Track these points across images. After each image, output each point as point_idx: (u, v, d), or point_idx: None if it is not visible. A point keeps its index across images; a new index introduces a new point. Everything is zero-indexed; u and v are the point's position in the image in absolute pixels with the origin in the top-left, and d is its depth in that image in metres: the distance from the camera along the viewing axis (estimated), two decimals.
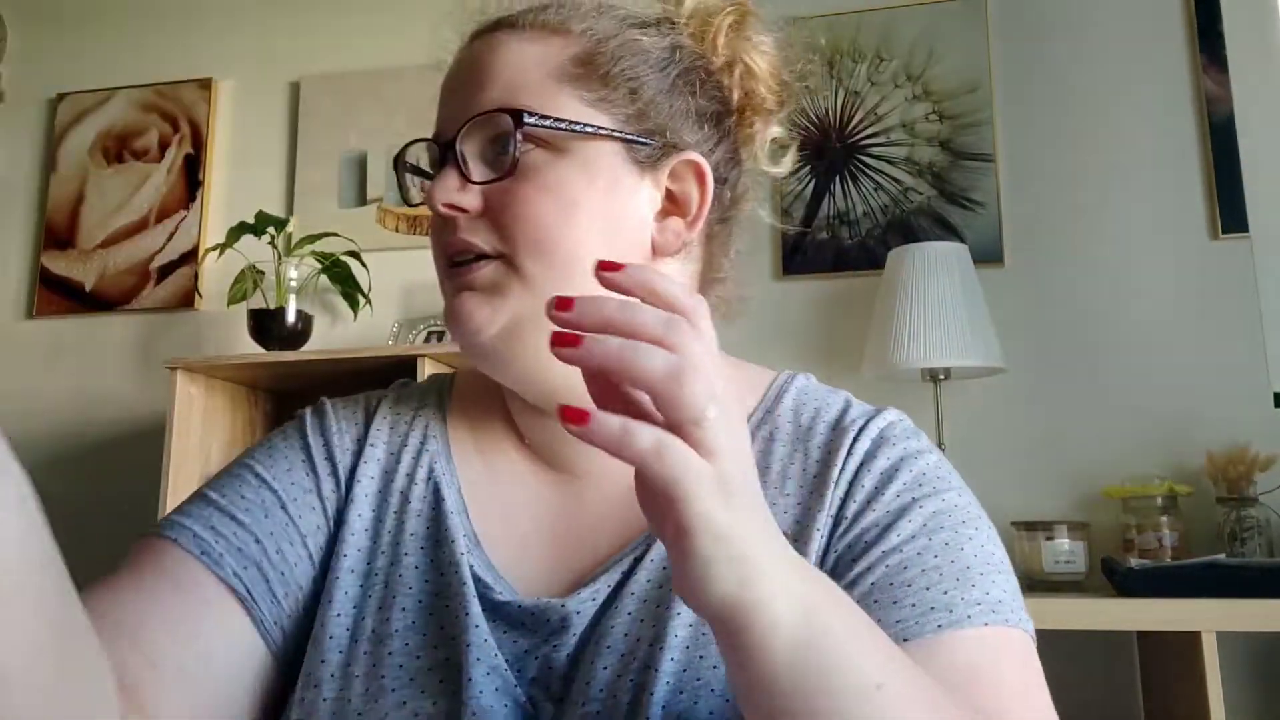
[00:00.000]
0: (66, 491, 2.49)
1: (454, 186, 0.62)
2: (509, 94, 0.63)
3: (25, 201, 2.71)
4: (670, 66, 0.67)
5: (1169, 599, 1.55)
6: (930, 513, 0.62)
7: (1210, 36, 2.12)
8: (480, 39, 0.67)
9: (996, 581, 0.60)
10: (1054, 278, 2.12)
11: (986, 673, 0.57)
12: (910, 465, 0.65)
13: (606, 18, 0.67)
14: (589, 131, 0.63)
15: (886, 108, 2.26)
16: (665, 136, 0.66)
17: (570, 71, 0.64)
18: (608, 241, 0.63)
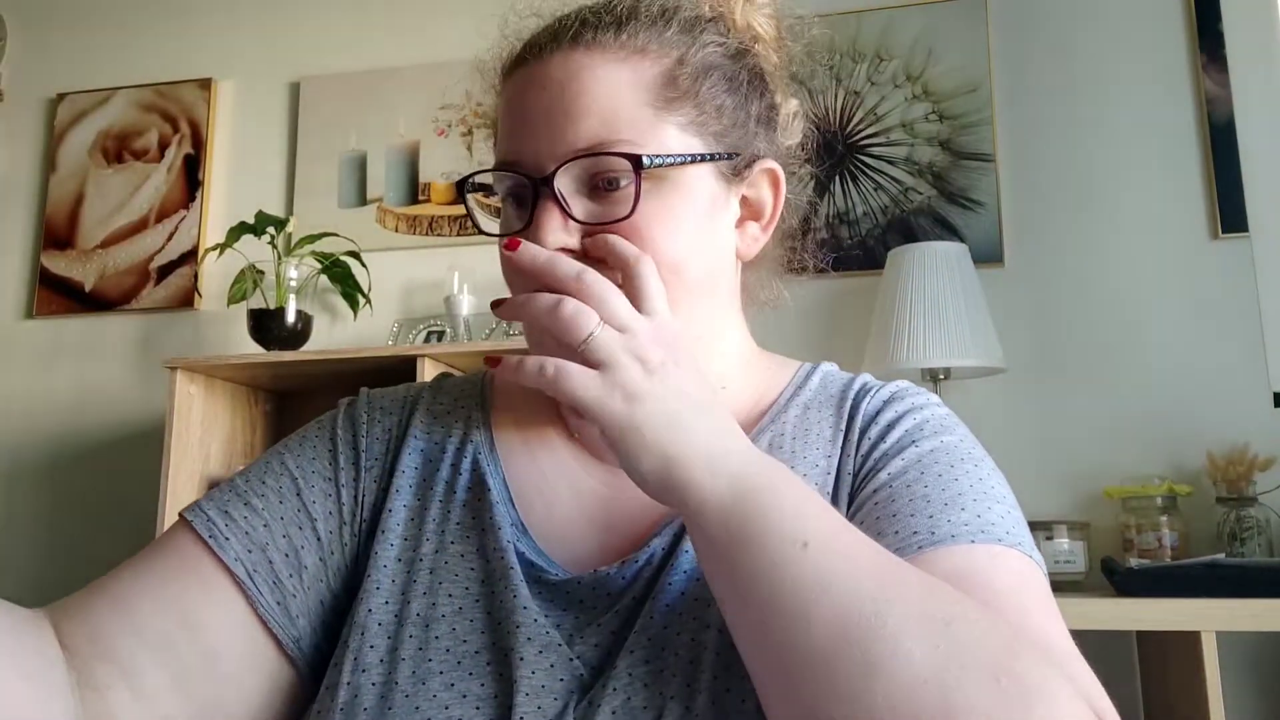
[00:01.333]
0: (66, 491, 2.49)
1: (558, 226, 0.62)
2: (608, 128, 0.62)
3: (25, 201, 2.71)
4: (740, 73, 0.69)
5: (1169, 599, 1.54)
6: (927, 450, 0.64)
7: (1210, 36, 2.12)
8: (555, 58, 0.64)
9: (992, 508, 0.60)
10: (1054, 278, 2.12)
11: (972, 578, 0.55)
12: (914, 415, 0.67)
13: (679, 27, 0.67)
14: (699, 160, 0.64)
15: (886, 108, 2.26)
16: (746, 148, 0.68)
17: (664, 96, 0.64)
18: (703, 258, 0.65)
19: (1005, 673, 0.46)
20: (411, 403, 0.73)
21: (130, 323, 2.57)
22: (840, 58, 2.30)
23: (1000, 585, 0.55)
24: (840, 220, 2.23)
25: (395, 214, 2.46)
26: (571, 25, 0.65)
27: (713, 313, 0.68)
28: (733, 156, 0.66)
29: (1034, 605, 0.55)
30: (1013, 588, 0.56)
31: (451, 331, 2.27)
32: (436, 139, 2.47)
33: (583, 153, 0.61)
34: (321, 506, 0.67)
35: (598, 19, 0.65)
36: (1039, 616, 0.55)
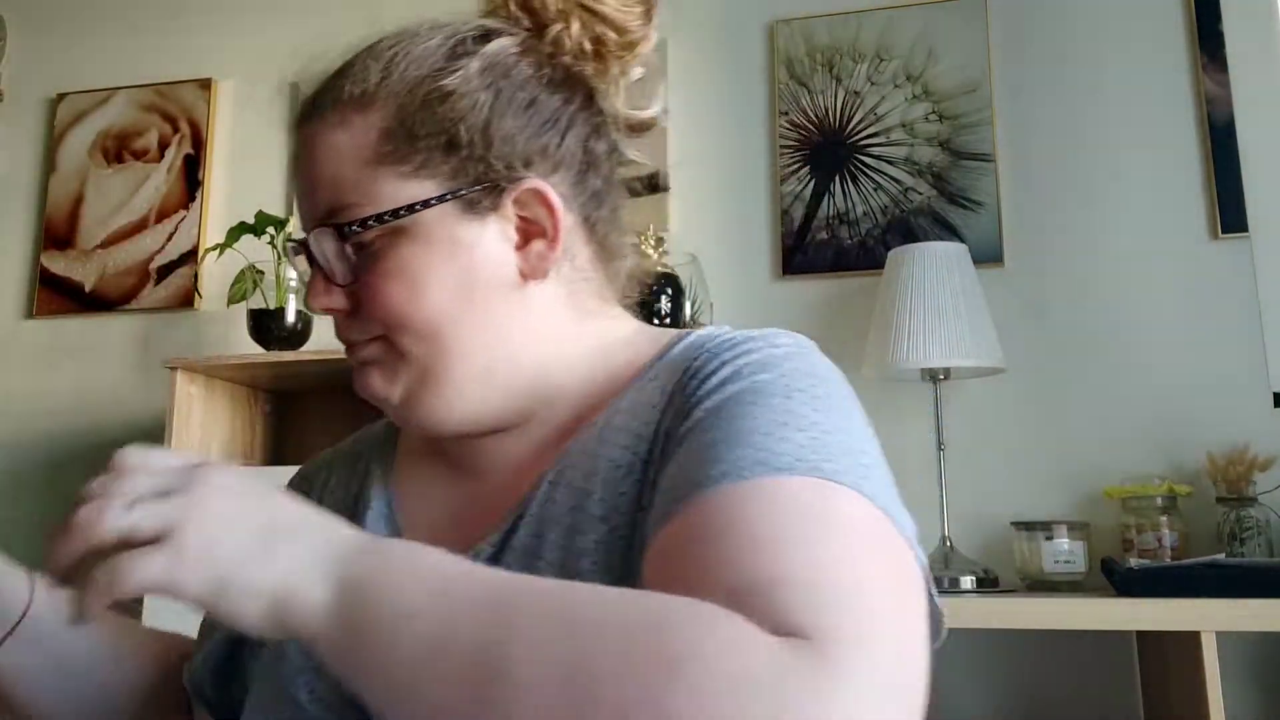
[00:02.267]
0: (66, 491, 2.49)
1: (322, 290, 0.67)
2: (333, 194, 0.65)
3: (25, 201, 2.71)
4: (484, 93, 0.66)
5: (1169, 599, 1.54)
6: (732, 393, 0.58)
7: (1210, 36, 2.12)
8: (299, 131, 0.69)
9: (789, 437, 0.53)
10: (1054, 278, 2.12)
11: (720, 526, 0.49)
12: (737, 360, 0.61)
13: (406, 69, 0.66)
14: (416, 210, 0.64)
15: (886, 108, 2.26)
16: (495, 173, 0.66)
17: (381, 151, 0.65)
18: (466, 296, 0.65)
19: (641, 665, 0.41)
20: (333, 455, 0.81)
21: (130, 323, 2.57)
22: (840, 58, 2.30)
23: (755, 527, 0.49)
24: (840, 220, 2.23)
25: None
26: (310, 98, 0.69)
27: (505, 339, 0.67)
28: (474, 190, 0.65)
29: (794, 537, 0.48)
30: (770, 526, 0.49)
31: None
32: None
33: (318, 222, 0.66)
34: None
35: (327, 85, 0.68)
36: (789, 550, 0.47)
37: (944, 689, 1.95)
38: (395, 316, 0.65)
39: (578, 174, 0.70)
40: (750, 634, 0.42)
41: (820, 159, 2.27)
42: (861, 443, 0.57)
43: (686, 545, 0.50)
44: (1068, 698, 1.94)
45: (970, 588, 1.80)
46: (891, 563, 0.50)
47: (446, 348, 0.65)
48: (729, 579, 0.46)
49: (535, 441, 0.69)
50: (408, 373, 0.66)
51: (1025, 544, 1.85)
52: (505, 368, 0.67)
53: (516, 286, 0.67)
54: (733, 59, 2.36)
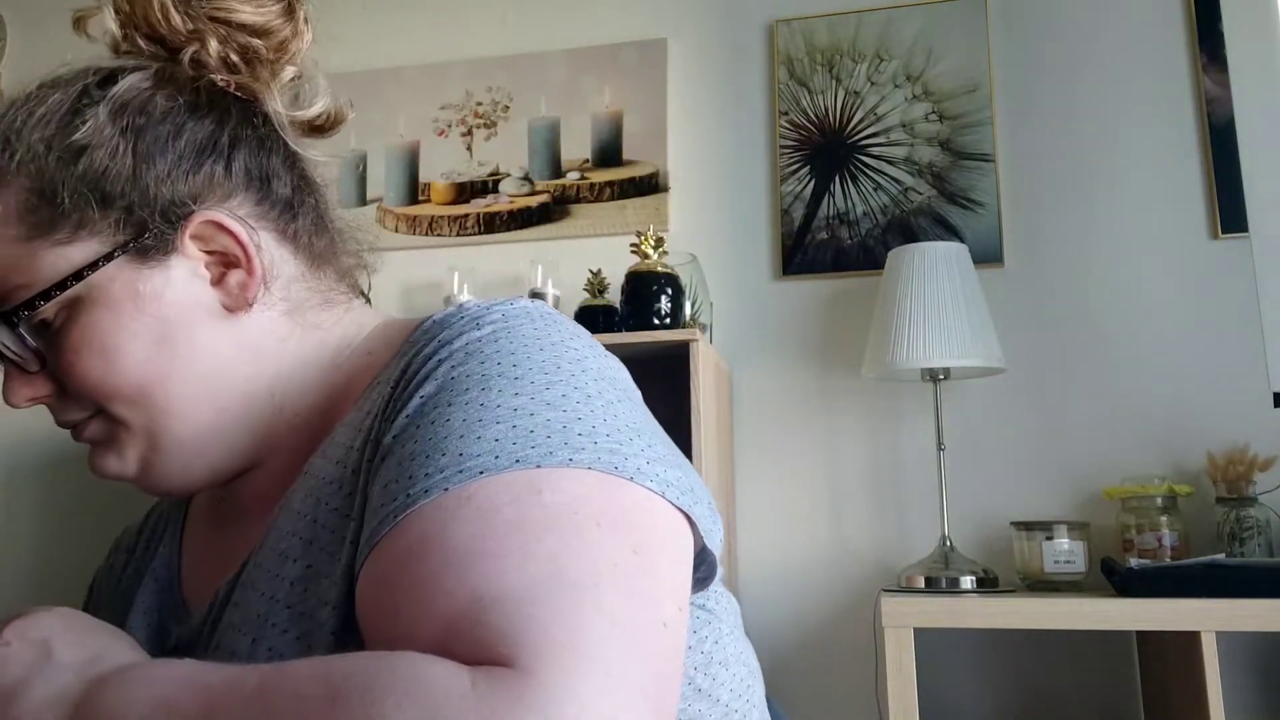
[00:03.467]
0: (66, 491, 2.49)
1: (21, 383, 0.64)
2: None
3: None
4: (121, 139, 0.62)
5: (1169, 599, 1.54)
6: (431, 392, 0.54)
7: (1210, 36, 2.12)
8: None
9: (486, 432, 0.50)
10: (1054, 278, 2.12)
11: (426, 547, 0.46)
12: (445, 349, 0.57)
13: (31, 135, 0.61)
14: (84, 275, 0.60)
15: (886, 108, 2.26)
16: (157, 217, 0.62)
17: (31, 223, 0.60)
18: (168, 348, 0.62)
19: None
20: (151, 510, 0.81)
21: None
22: (840, 58, 2.30)
23: (457, 542, 0.46)
24: (840, 220, 2.23)
25: (395, 214, 2.46)
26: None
27: (227, 379, 0.64)
28: (142, 240, 0.61)
29: (492, 549, 0.45)
30: (471, 540, 0.46)
31: None
32: (436, 139, 2.47)
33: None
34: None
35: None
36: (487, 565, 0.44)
37: (944, 689, 1.95)
38: (99, 389, 0.61)
39: (258, 192, 0.66)
40: (444, 682, 0.40)
41: (820, 159, 2.27)
42: (579, 409, 0.52)
43: (391, 574, 0.48)
44: (1068, 698, 1.94)
45: (970, 588, 1.80)
46: (616, 538, 0.46)
47: (165, 408, 0.62)
48: (434, 611, 0.44)
49: (280, 470, 0.67)
50: (134, 443, 0.64)
51: (1025, 544, 1.85)
52: (237, 408, 0.64)
53: (224, 321, 0.64)
54: (733, 59, 2.37)
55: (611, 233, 2.30)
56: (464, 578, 0.44)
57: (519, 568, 0.44)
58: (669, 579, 0.48)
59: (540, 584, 0.43)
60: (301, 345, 0.67)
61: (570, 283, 2.18)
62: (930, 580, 1.82)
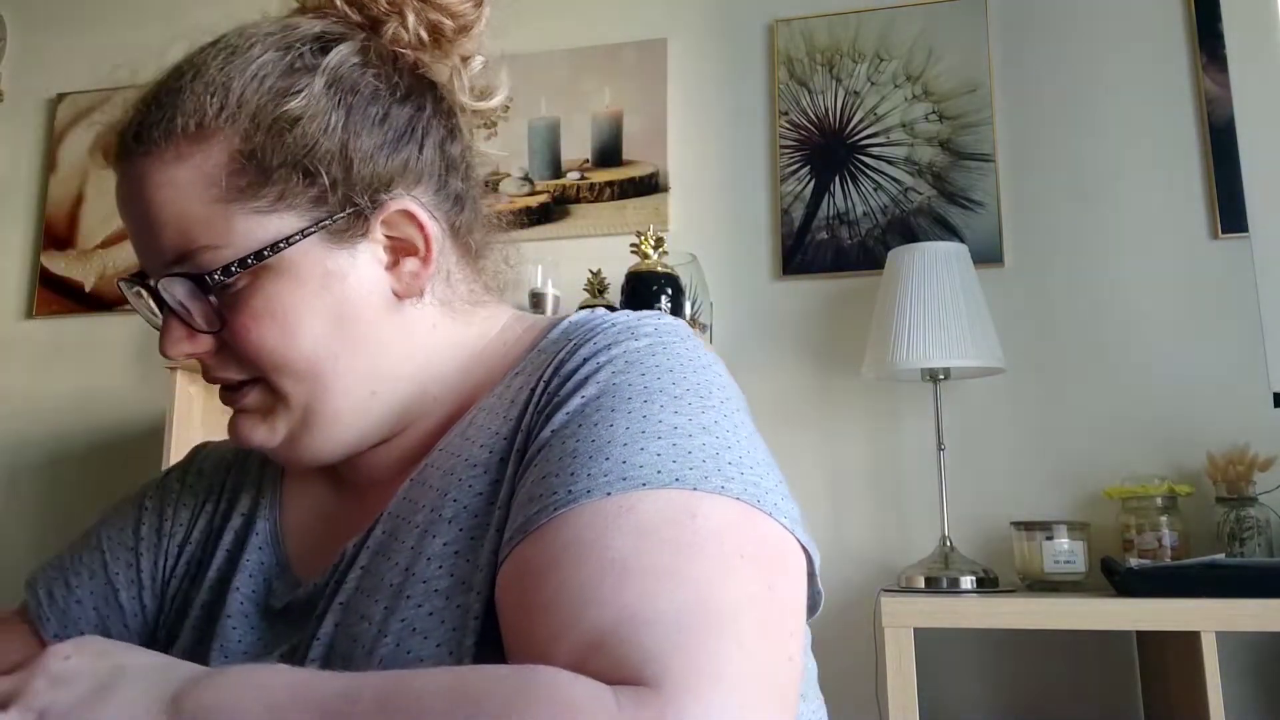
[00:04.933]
0: (66, 491, 2.49)
1: (181, 337, 0.64)
2: (183, 237, 0.60)
3: (25, 201, 2.71)
4: (334, 114, 0.62)
5: (1169, 599, 1.55)
6: (592, 395, 0.56)
7: (1210, 36, 2.12)
8: (124, 165, 0.64)
9: (648, 447, 0.52)
10: (1054, 278, 2.12)
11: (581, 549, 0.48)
12: (601, 355, 0.59)
13: (243, 94, 0.61)
14: (280, 248, 0.60)
15: (886, 108, 2.26)
16: (358, 199, 0.62)
17: (234, 186, 0.60)
18: (343, 329, 0.62)
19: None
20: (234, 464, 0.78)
21: (130, 323, 2.57)
22: (840, 58, 2.30)
23: (613, 553, 0.48)
24: (840, 220, 2.23)
25: None
26: (131, 128, 0.63)
27: (385, 362, 0.65)
28: (339, 218, 0.61)
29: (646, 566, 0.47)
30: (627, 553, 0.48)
31: None
32: None
33: (168, 268, 0.61)
34: (124, 577, 0.74)
35: (152, 115, 0.62)
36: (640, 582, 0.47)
37: (944, 689, 1.95)
38: (271, 358, 0.61)
39: (439, 182, 0.67)
40: (589, 705, 0.41)
41: (820, 159, 2.27)
42: (729, 437, 0.55)
43: (540, 573, 0.49)
44: (1068, 698, 1.94)
45: (970, 588, 1.80)
46: (756, 571, 0.49)
47: (329, 386, 0.63)
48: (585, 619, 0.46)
49: (408, 447, 0.68)
50: (289, 416, 0.64)
51: (1025, 544, 1.85)
52: (387, 390, 0.65)
53: (392, 307, 0.64)
54: (733, 59, 2.37)
55: (611, 233, 2.30)
56: (619, 592, 0.46)
57: (671, 591, 0.46)
58: (794, 615, 0.51)
59: (689, 611, 0.45)
60: (449, 334, 0.68)
61: (570, 283, 2.18)
62: (930, 580, 1.82)
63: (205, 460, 0.80)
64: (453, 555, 0.57)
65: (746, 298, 2.24)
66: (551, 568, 0.49)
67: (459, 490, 0.59)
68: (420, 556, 0.58)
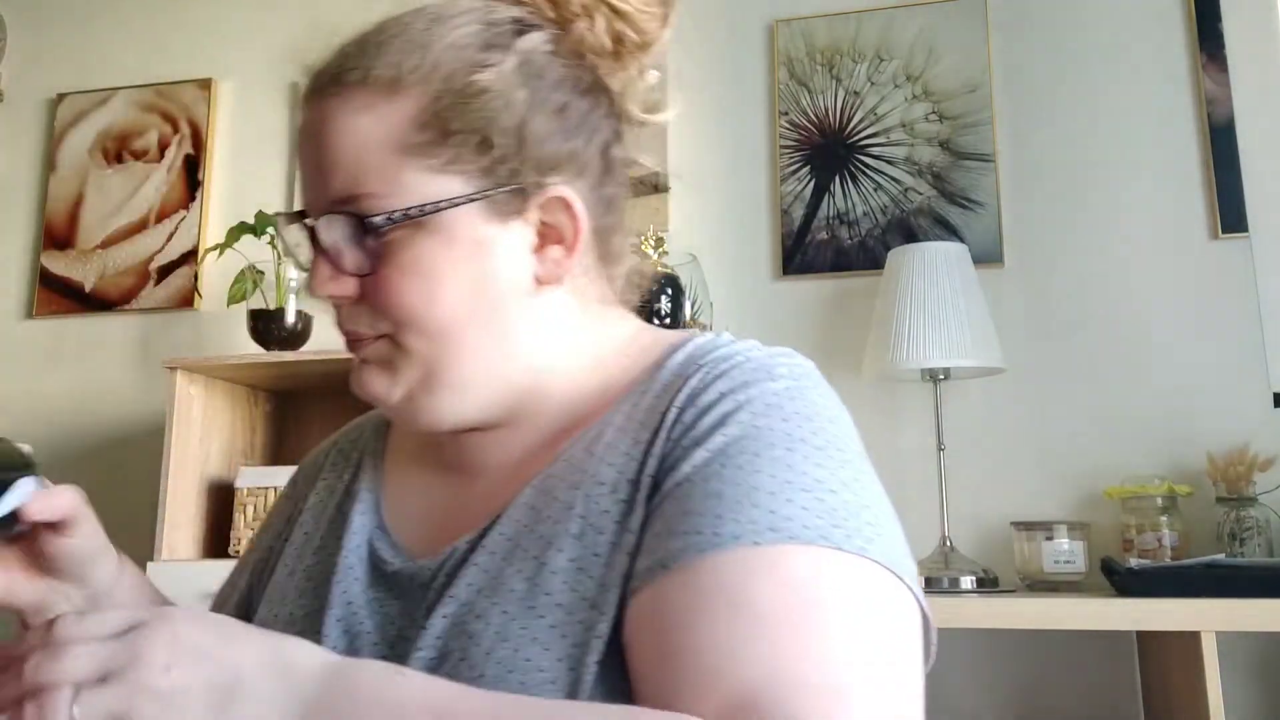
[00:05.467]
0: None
1: (327, 278, 0.65)
2: (353, 180, 0.62)
3: (25, 201, 2.71)
4: (519, 92, 0.64)
5: (1169, 599, 1.54)
6: (734, 437, 0.58)
7: (1210, 36, 2.12)
8: (314, 103, 0.65)
9: (795, 498, 0.54)
10: (1054, 278, 2.12)
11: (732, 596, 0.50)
12: (738, 394, 0.61)
13: (440, 58, 0.63)
14: (443, 207, 0.62)
15: (886, 108, 2.26)
16: (524, 177, 0.64)
17: (412, 141, 0.62)
18: (481, 299, 0.64)
19: None
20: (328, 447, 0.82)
21: (130, 323, 2.57)
22: (840, 58, 2.30)
23: (762, 607, 0.50)
24: (840, 220, 2.23)
25: None
26: (329, 70, 0.66)
27: (512, 343, 0.66)
28: (502, 191, 0.63)
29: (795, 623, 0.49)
30: (776, 609, 0.50)
31: None
32: None
33: (332, 207, 0.63)
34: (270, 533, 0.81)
35: (350, 61, 0.65)
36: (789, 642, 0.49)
37: (944, 689, 1.95)
38: (409, 314, 0.63)
39: (596, 180, 0.68)
40: None
41: (820, 159, 2.27)
42: (866, 494, 0.57)
43: (683, 615, 0.51)
44: (1068, 698, 1.94)
45: (970, 588, 1.80)
46: (893, 637, 0.52)
47: (455, 351, 0.64)
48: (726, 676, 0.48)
49: (523, 443, 0.68)
50: (411, 373, 0.65)
51: (1025, 544, 1.85)
52: (509, 372, 0.66)
53: (530, 291, 0.66)
54: (733, 59, 2.36)
55: None
56: (769, 651, 0.48)
57: (820, 655, 0.48)
58: (920, 678, 0.54)
59: (836, 675, 0.48)
60: (578, 330, 0.69)
61: None
62: (930, 580, 1.82)
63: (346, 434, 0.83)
64: (577, 571, 0.58)
65: (746, 298, 2.24)
66: (696, 613, 0.51)
67: (586, 507, 0.60)
68: (544, 568, 0.59)
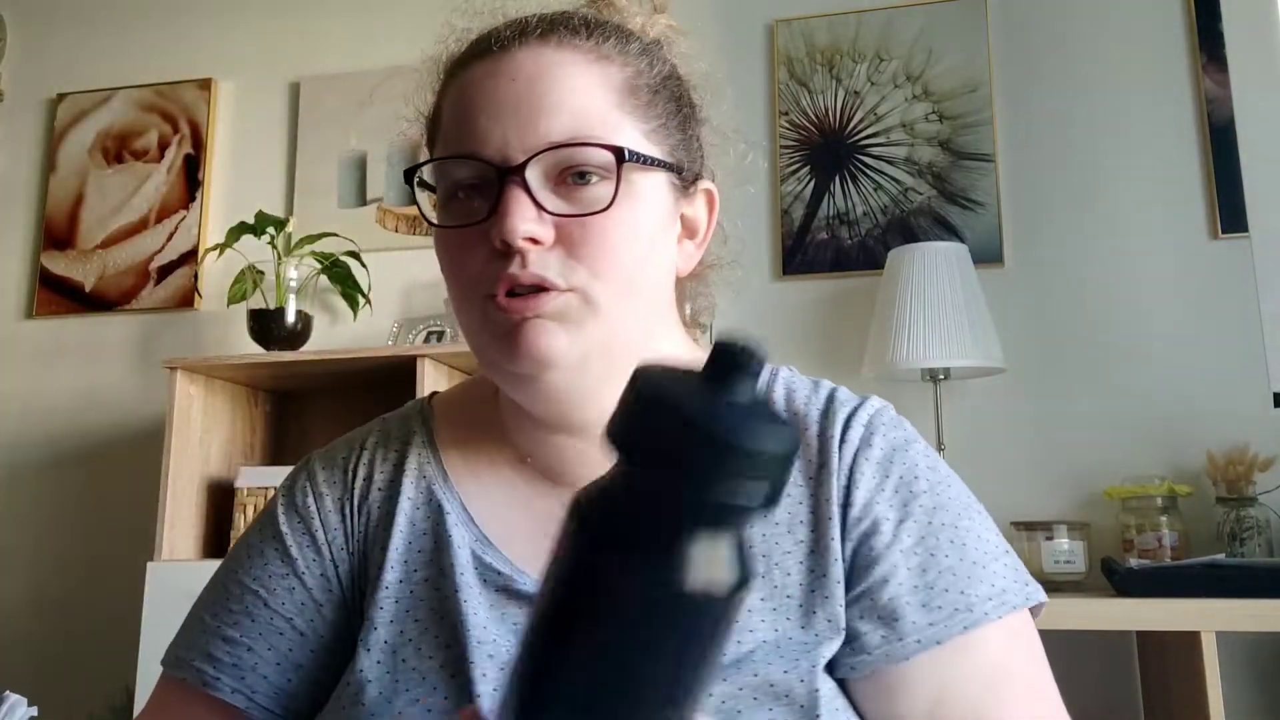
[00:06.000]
0: (66, 491, 2.49)
1: (531, 217, 0.60)
2: (582, 123, 0.62)
3: (25, 201, 2.71)
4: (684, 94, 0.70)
5: (1169, 599, 1.54)
6: (931, 508, 0.65)
7: (1210, 36, 2.12)
8: (523, 52, 0.64)
9: (996, 570, 0.64)
10: (1054, 278, 2.12)
11: (1006, 672, 0.62)
12: (903, 456, 0.67)
13: (637, 42, 0.68)
14: (658, 164, 0.64)
15: (886, 108, 2.26)
16: (698, 165, 0.69)
17: (629, 102, 0.65)
18: (652, 266, 0.65)
19: None
20: (356, 459, 0.73)
21: (130, 323, 2.57)
22: (840, 58, 2.30)
23: (1025, 673, 0.63)
24: (840, 220, 2.23)
25: (395, 214, 2.46)
26: (537, 24, 0.66)
27: (654, 322, 0.67)
28: (683, 171, 0.67)
29: (1044, 686, 0.65)
30: (1030, 674, 0.64)
31: (451, 332, 2.27)
32: None
33: (558, 144, 0.61)
34: (291, 604, 0.68)
35: (565, 21, 0.66)
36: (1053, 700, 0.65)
37: None
38: (621, 265, 0.61)
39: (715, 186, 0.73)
40: None
41: (820, 159, 2.27)
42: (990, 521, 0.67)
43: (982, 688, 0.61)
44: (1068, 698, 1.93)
45: None
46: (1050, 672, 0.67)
47: (632, 314, 0.63)
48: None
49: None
50: (594, 331, 0.61)
51: (1025, 544, 1.85)
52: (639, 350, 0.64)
53: (673, 273, 0.69)
54: (733, 59, 2.36)
55: None
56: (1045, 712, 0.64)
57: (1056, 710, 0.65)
58: None
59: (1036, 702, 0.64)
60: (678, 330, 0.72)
61: None
62: None
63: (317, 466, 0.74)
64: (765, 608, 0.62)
65: (746, 298, 2.24)
66: (985, 689, 0.61)
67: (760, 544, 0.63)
68: None
